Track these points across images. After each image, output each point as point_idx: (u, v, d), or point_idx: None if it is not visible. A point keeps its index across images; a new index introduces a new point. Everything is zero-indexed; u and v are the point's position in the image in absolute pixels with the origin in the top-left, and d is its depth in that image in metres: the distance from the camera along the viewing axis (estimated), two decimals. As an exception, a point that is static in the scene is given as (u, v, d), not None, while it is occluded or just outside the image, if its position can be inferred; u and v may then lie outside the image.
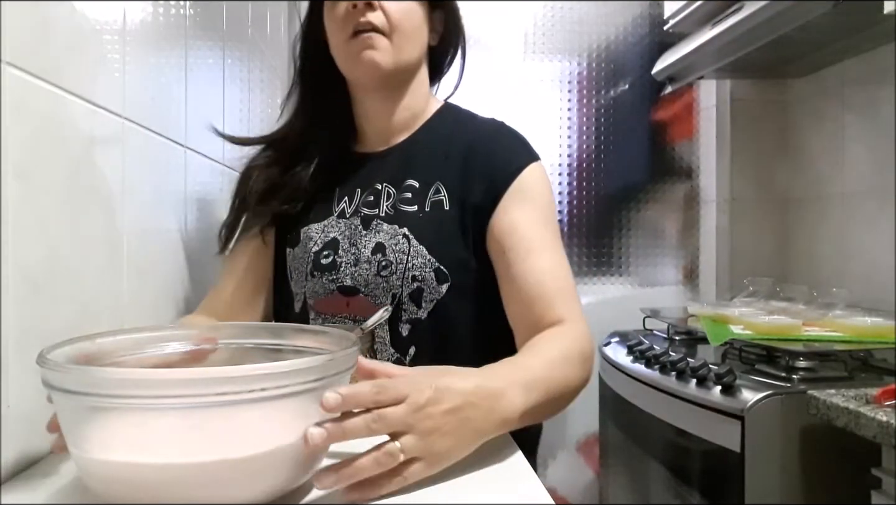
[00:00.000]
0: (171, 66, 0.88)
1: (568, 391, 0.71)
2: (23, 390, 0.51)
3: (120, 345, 0.53)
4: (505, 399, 0.58)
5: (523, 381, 0.62)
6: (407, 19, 0.84)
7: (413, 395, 0.50)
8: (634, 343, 1.49)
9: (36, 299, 0.54)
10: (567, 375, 0.70)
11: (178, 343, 0.57)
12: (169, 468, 0.41)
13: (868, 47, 1.58)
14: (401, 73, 0.87)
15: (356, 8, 0.82)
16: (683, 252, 2.13)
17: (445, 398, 0.52)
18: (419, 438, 0.49)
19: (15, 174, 0.51)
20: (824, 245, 1.80)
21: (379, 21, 0.82)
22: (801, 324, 1.29)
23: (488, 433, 0.56)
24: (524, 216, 0.82)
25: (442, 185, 0.85)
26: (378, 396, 0.48)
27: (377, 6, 0.82)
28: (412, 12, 0.85)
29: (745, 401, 1.05)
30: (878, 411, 0.88)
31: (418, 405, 0.50)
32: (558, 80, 2.10)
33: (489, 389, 0.57)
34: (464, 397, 0.54)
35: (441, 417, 0.51)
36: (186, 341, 0.57)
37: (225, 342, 0.59)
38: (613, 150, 2.10)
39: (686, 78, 1.86)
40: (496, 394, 0.58)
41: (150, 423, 0.42)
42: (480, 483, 0.52)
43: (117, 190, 0.69)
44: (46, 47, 0.56)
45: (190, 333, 0.59)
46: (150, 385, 0.40)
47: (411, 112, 0.92)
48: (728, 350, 1.32)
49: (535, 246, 0.80)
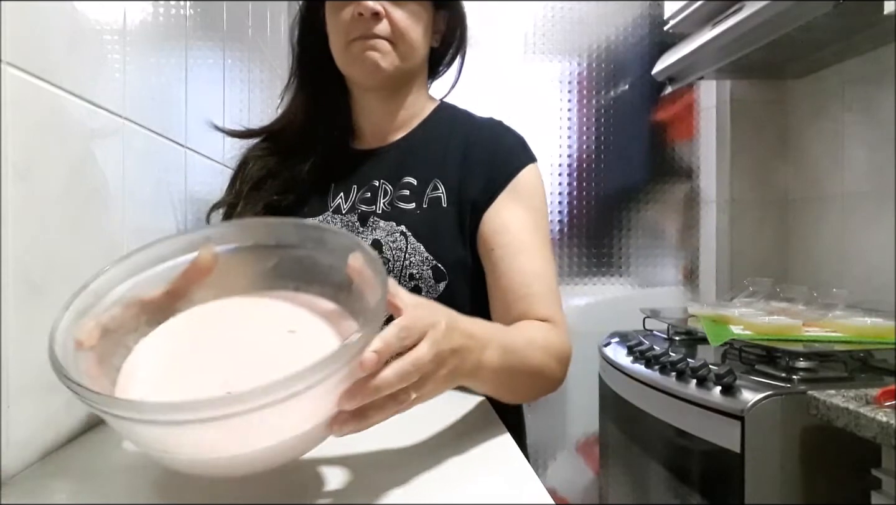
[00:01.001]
0: (171, 66, 0.88)
1: (540, 378, 0.71)
2: (23, 390, 0.51)
3: (115, 280, 0.51)
4: (487, 351, 0.59)
5: (504, 342, 0.62)
6: (413, 29, 0.84)
7: (431, 332, 0.49)
8: (634, 343, 1.49)
9: (36, 299, 0.54)
10: (543, 361, 0.70)
11: (174, 259, 0.54)
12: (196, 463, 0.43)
13: (868, 48, 1.58)
14: (402, 77, 0.87)
15: (362, 16, 0.81)
16: (683, 252, 2.13)
17: (454, 337, 0.52)
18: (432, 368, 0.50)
19: (15, 174, 0.51)
20: (824, 245, 1.80)
21: (385, 32, 0.82)
22: (801, 324, 1.29)
23: (462, 380, 0.57)
24: (517, 217, 0.82)
25: (440, 182, 0.85)
26: (404, 341, 0.47)
27: (383, 16, 0.81)
28: (419, 20, 0.84)
29: (745, 401, 1.05)
30: (878, 412, 0.88)
31: (436, 342, 0.49)
32: (558, 80, 2.10)
33: (480, 337, 0.58)
34: (464, 340, 0.54)
35: (447, 355, 0.51)
36: (181, 254, 0.54)
37: (222, 248, 0.55)
38: (613, 150, 2.10)
39: (686, 78, 1.86)
40: (483, 344, 0.58)
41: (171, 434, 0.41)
42: (480, 483, 0.52)
43: (117, 190, 0.69)
44: (46, 47, 0.56)
45: (181, 244, 0.54)
46: (168, 410, 0.38)
47: (410, 111, 0.91)
48: (728, 350, 1.32)
49: (524, 248, 0.80)
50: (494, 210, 0.83)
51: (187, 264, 0.54)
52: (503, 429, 0.65)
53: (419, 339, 0.48)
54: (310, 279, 0.55)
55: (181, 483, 0.50)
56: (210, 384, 0.44)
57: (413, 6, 0.84)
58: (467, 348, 0.55)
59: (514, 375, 0.65)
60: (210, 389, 0.41)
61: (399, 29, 0.82)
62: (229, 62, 1.17)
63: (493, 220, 0.82)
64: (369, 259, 0.49)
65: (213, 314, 0.54)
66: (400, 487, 0.49)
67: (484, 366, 0.59)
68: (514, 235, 0.81)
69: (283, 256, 0.55)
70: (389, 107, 0.90)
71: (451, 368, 0.52)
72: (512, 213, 0.82)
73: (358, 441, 0.48)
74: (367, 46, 0.82)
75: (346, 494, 0.48)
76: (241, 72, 1.27)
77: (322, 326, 0.52)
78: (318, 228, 0.55)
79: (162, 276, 0.53)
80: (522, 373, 0.67)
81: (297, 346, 0.50)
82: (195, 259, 0.53)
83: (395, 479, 0.50)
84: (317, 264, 0.54)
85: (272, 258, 0.56)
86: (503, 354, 0.62)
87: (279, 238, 0.55)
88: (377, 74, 0.84)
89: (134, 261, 0.52)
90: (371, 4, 0.80)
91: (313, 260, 0.54)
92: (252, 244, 0.56)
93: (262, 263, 0.56)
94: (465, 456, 0.56)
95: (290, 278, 0.55)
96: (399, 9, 0.83)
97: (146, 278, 0.53)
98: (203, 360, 0.50)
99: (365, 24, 0.81)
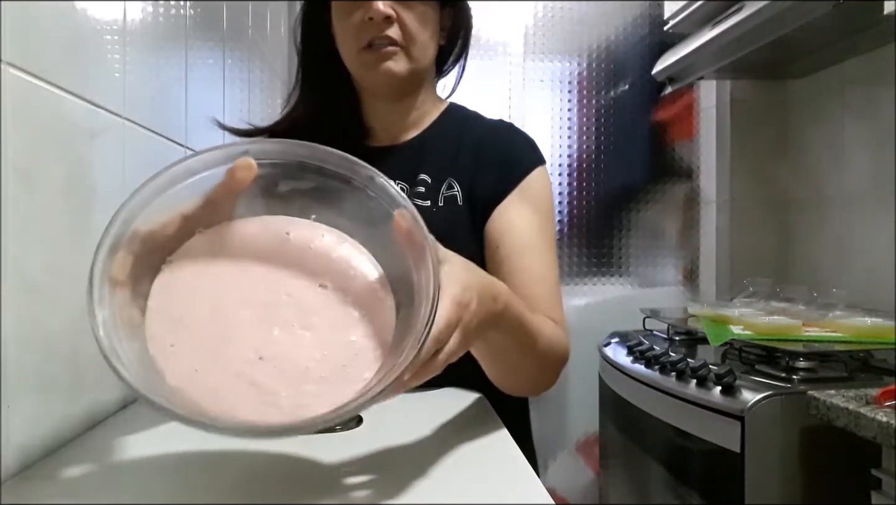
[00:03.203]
0: (171, 66, 0.88)
1: (542, 362, 0.72)
2: (23, 390, 0.51)
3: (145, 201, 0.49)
4: (510, 308, 0.61)
5: (518, 309, 0.64)
6: (423, 30, 0.83)
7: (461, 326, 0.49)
8: (634, 343, 1.49)
9: (36, 299, 0.54)
10: (548, 347, 0.71)
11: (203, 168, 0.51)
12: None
13: (868, 48, 1.58)
14: (414, 80, 0.87)
15: (373, 20, 0.80)
16: (683, 252, 2.13)
17: (482, 311, 0.53)
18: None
19: (15, 174, 0.51)
20: (824, 245, 1.80)
21: (396, 35, 0.81)
22: (801, 324, 1.29)
23: (486, 329, 0.58)
24: (524, 217, 0.82)
25: (454, 181, 0.85)
26: (440, 343, 0.47)
27: (395, 19, 0.81)
28: (428, 21, 0.84)
29: (745, 401, 1.05)
30: (878, 412, 0.88)
31: (466, 330, 0.50)
32: (558, 80, 2.10)
33: (505, 298, 0.60)
34: (490, 306, 0.56)
35: (473, 330, 0.52)
36: (216, 167, 0.50)
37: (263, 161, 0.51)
38: (613, 150, 2.10)
39: (686, 78, 1.86)
40: (505, 304, 0.60)
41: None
42: (480, 483, 0.52)
43: (117, 189, 0.69)
44: (46, 47, 0.56)
45: (216, 157, 0.51)
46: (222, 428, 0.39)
47: (420, 111, 0.91)
48: (728, 350, 1.32)
49: (529, 248, 0.81)
50: (502, 209, 0.83)
51: (223, 176, 0.50)
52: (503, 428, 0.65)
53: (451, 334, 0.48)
54: (348, 215, 0.53)
55: (183, 482, 0.50)
56: (243, 350, 0.45)
57: (421, 7, 0.83)
58: (493, 313, 0.57)
59: (525, 341, 0.67)
60: (243, 359, 0.43)
61: (409, 32, 0.82)
62: (229, 62, 1.17)
63: (500, 218, 0.82)
64: (416, 224, 0.48)
65: (241, 240, 0.52)
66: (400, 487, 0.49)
67: (505, 318, 0.60)
68: (519, 235, 0.81)
69: (322, 183, 0.52)
70: (400, 108, 0.90)
71: (476, 331, 0.54)
72: (519, 213, 0.82)
73: (358, 441, 0.48)
74: (381, 56, 0.81)
75: (346, 495, 0.48)
76: (241, 72, 1.27)
77: (352, 287, 0.51)
78: (367, 168, 0.53)
79: (197, 187, 0.50)
80: (524, 346, 0.68)
81: (329, 309, 0.49)
82: (232, 169, 0.49)
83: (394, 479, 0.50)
84: (359, 202, 0.52)
85: (310, 181, 0.52)
86: (520, 317, 0.64)
87: (323, 162, 0.52)
88: (392, 82, 0.84)
89: (165, 178, 0.50)
90: (382, 9, 0.79)
91: (356, 196, 0.52)
92: (294, 162, 0.52)
93: (298, 183, 0.53)
94: (465, 455, 0.56)
95: (327, 205, 0.53)
96: (409, 11, 0.81)
97: (180, 190, 0.50)
98: (232, 311, 0.48)
99: (376, 28, 0.80)
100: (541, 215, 0.84)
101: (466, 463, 0.54)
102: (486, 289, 0.56)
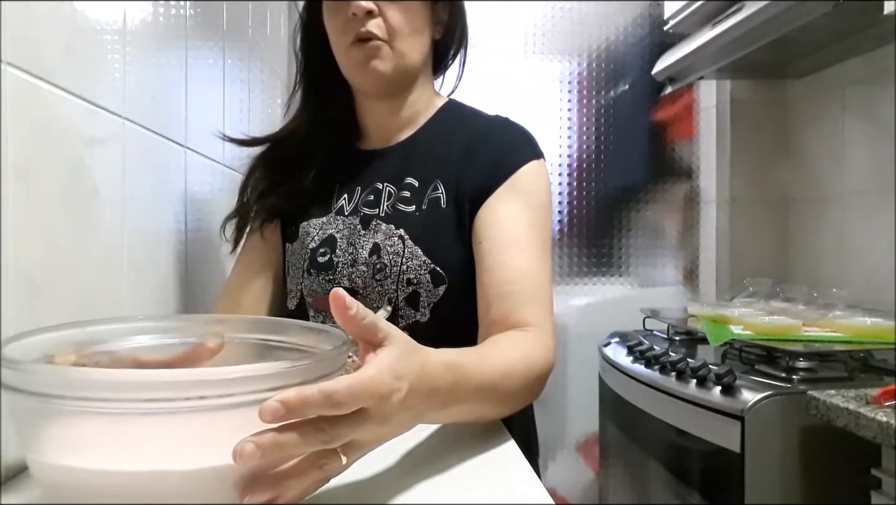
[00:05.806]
0: (171, 66, 0.88)
1: (516, 404, 0.68)
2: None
3: (113, 334, 0.51)
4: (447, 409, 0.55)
5: (475, 386, 0.58)
6: (408, 23, 0.83)
7: (377, 404, 0.43)
8: (634, 343, 1.49)
9: (36, 299, 0.54)
10: (520, 389, 0.66)
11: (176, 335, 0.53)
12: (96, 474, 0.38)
13: (868, 48, 1.58)
14: (404, 76, 0.86)
15: (356, 16, 0.80)
16: (683, 252, 2.13)
17: (409, 402, 0.46)
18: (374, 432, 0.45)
19: (15, 174, 0.51)
20: (824, 245, 1.80)
21: (379, 29, 0.81)
22: (801, 324, 1.29)
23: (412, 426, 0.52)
24: (511, 211, 0.80)
25: (440, 182, 0.84)
26: (334, 408, 0.39)
27: (377, 14, 0.81)
28: (413, 14, 0.83)
29: (745, 401, 1.05)
30: (878, 412, 0.88)
31: (381, 416, 0.44)
32: (558, 80, 2.09)
33: (445, 395, 0.53)
34: (420, 400, 0.49)
35: (398, 415, 0.46)
36: (186, 334, 0.54)
37: (231, 336, 0.55)
38: (613, 150, 2.10)
39: (686, 78, 1.86)
40: (445, 401, 0.54)
41: (75, 425, 0.39)
42: (480, 483, 0.52)
43: (117, 190, 0.69)
44: (46, 47, 0.56)
45: (191, 326, 0.55)
46: (74, 386, 0.36)
47: (414, 109, 0.91)
48: (728, 350, 1.32)
49: (514, 243, 0.77)
50: (491, 203, 0.80)
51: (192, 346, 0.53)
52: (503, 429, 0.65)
53: (356, 407, 0.41)
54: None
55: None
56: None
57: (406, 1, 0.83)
58: (424, 406, 0.50)
59: (493, 396, 0.62)
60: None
61: (392, 26, 0.82)
62: (229, 62, 1.17)
63: (488, 213, 0.80)
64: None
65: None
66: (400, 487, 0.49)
67: (440, 414, 0.56)
68: (503, 229, 0.78)
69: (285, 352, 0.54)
70: (392, 106, 0.90)
71: (397, 423, 0.47)
72: (507, 207, 0.80)
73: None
74: (367, 55, 0.82)
75: (346, 495, 0.48)
76: (241, 72, 1.27)
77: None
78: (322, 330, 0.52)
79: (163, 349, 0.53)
80: (494, 405, 0.64)
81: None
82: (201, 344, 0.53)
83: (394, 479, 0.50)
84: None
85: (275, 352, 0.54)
86: (470, 402, 0.58)
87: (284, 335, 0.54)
88: (379, 80, 0.84)
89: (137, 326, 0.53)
90: (363, 4, 0.80)
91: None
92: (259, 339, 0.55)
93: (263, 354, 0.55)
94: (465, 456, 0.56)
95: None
96: (392, 5, 0.82)
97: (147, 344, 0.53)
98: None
99: (359, 23, 0.81)
100: (533, 210, 0.81)
101: (466, 463, 0.54)
102: (426, 376, 0.49)
